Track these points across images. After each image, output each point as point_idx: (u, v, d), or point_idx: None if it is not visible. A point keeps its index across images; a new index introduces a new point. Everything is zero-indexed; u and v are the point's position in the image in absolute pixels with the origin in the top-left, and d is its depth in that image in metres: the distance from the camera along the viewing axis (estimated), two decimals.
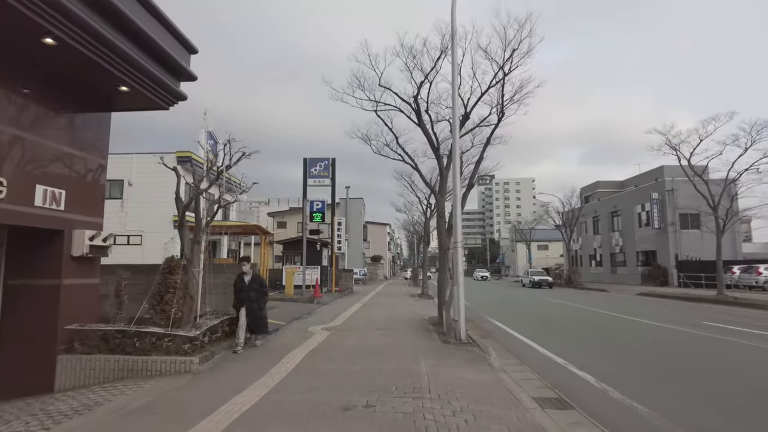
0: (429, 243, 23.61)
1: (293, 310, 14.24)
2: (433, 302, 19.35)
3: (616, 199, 41.09)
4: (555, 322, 13.62)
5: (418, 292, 25.16)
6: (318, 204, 17.82)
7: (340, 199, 40.37)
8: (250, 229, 17.03)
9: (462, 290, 8.81)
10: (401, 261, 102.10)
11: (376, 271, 46.15)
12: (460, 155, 9.46)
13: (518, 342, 9.81)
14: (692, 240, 31.71)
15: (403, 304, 17.46)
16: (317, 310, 14.78)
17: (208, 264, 9.33)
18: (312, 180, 27.03)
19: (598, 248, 44.21)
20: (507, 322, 13.11)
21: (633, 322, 13.16)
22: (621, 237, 39.29)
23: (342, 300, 19.22)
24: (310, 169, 27.05)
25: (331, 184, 27.16)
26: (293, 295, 17.36)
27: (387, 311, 14.86)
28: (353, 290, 25.70)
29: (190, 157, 28.29)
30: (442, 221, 11.29)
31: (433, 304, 18.14)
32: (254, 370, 6.49)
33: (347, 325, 11.14)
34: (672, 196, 32.73)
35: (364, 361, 7.06)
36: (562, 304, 19.40)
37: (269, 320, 11.28)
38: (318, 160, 27.22)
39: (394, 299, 20.61)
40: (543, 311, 16.93)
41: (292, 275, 17.45)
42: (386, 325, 11.14)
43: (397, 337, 9.47)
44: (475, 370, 6.70)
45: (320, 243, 22.05)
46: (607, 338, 10.42)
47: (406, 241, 64.25)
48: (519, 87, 11.19)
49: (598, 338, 10.44)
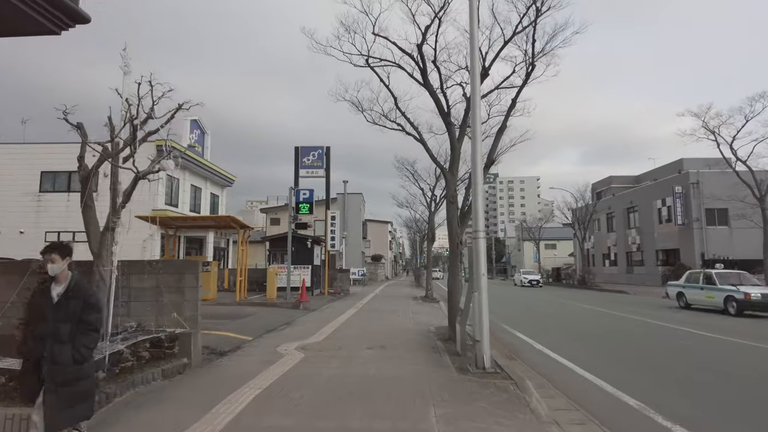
0: (434, 240, 21.05)
1: (270, 318, 11.73)
2: (439, 306, 16.81)
3: (632, 194, 38.45)
4: (591, 334, 11.07)
5: (421, 295, 22.61)
6: (305, 193, 15.28)
7: (337, 194, 37.85)
8: (223, 222, 14.53)
9: (485, 299, 6.28)
10: (403, 261, 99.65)
11: (377, 271, 43.62)
12: (480, 108, 6.92)
13: (557, 366, 7.27)
14: (720, 237, 29.10)
15: (405, 310, 14.94)
16: (300, 318, 12.26)
17: (153, 264, 6.82)
18: (304, 171, 24.53)
19: (612, 247, 41.58)
20: (532, 333, 10.56)
21: (707, 338, 10.60)
22: (638, 234, 36.67)
23: (334, 304, 16.70)
24: (302, 158, 24.57)
25: (326, 175, 24.66)
26: (275, 299, 14.86)
27: (385, 320, 12.33)
28: (349, 292, 23.18)
29: (166, 145, 25.84)
30: (453, 208, 8.77)
31: (439, 309, 15.61)
32: (164, 427, 3.99)
33: (331, 342, 8.62)
34: (697, 189, 30.10)
35: (342, 412, 4.54)
36: (587, 309, 16.83)
37: (229, 334, 8.83)
38: (311, 149, 24.74)
39: (394, 303, 18.09)
40: (568, 317, 14.39)
41: (275, 276, 14.97)
42: (382, 342, 8.62)
43: (396, 361, 6.94)
44: (514, 426, 4.19)
45: (311, 240, 19.54)
46: (687, 363, 7.84)
47: (408, 240, 61.66)
48: (552, 34, 8.66)
49: (671, 362, 7.86)
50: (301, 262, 19.58)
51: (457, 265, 8.75)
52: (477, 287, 6.33)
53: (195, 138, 31.09)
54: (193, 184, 30.06)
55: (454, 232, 8.74)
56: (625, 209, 39.12)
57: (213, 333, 8.95)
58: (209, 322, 10.25)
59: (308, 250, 19.67)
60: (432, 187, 20.69)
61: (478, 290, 6.30)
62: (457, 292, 8.58)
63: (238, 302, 14.56)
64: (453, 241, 8.83)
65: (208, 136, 32.66)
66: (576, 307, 18.15)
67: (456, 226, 8.75)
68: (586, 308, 17.37)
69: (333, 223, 20.59)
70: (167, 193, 26.71)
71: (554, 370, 6.98)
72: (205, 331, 9.01)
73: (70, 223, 25.66)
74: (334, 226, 20.54)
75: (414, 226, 37.70)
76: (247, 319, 11.30)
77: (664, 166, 38.92)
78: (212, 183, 32.43)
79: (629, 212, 38.76)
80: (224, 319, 10.95)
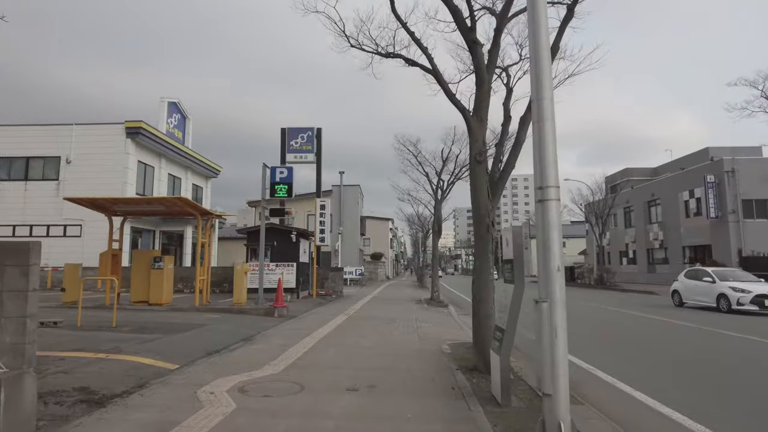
0: (440, 233, 18.02)
1: (225, 331, 8.71)
2: (449, 312, 13.79)
3: (654, 186, 35.33)
4: (681, 357, 8.05)
5: (426, 297, 19.58)
6: (282, 171, 12.10)
7: (332, 186, 34.84)
8: (174, 206, 11.41)
9: (562, 318, 3.27)
10: (404, 260, 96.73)
11: (376, 270, 40.58)
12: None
13: (666, 424, 4.24)
14: (760, 232, 25.99)
15: (408, 318, 11.94)
16: (268, 331, 9.25)
17: None
18: (292, 155, 21.52)
19: (630, 243, 38.47)
20: (583, 352, 7.51)
21: None
22: (661, 230, 33.56)
23: (320, 310, 13.71)
24: (289, 141, 21.56)
25: (316, 160, 21.66)
26: (245, 304, 11.83)
27: (380, 333, 9.31)
28: (343, 294, 20.16)
29: (141, 128, 22.86)
30: (481, 170, 5.76)
31: (450, 317, 12.60)
32: None
33: (293, 375, 5.60)
34: (733, 178, 26.98)
35: None
36: (632, 315, 13.78)
37: (144, 360, 5.68)
38: (299, 131, 21.73)
39: (394, 308, 15.08)
40: (618, 329, 11.35)
41: (244, 275, 11.92)
42: (372, 374, 5.61)
43: (393, 425, 3.93)
44: None
45: (297, 233, 16.54)
46: None
47: (410, 237, 58.57)
48: None
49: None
50: (283, 259, 16.57)
51: (487, 257, 5.73)
52: (547, 293, 3.31)
53: (174, 123, 28.10)
54: (170, 173, 27.07)
55: (482, 207, 5.71)
56: (646, 203, 36.02)
57: (119, 358, 5.97)
58: (129, 338, 7.25)
59: (293, 245, 16.67)
60: (438, 171, 17.69)
61: (549, 300, 3.28)
62: (488, 299, 5.57)
63: (197, 308, 11.57)
64: (481, 222, 5.79)
65: (189, 122, 29.66)
66: (614, 312, 15.10)
67: (485, 199, 5.73)
68: (629, 314, 14.32)
69: (323, 213, 17.57)
70: (139, 182, 23.74)
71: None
72: (108, 355, 6.00)
73: (29, 216, 22.75)
74: (324, 217, 17.52)
75: (416, 221, 34.61)
76: (191, 333, 8.28)
77: (687, 155, 35.85)
78: (194, 173, 29.43)
79: (650, 206, 35.66)
80: (157, 332, 7.96)
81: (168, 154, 25.84)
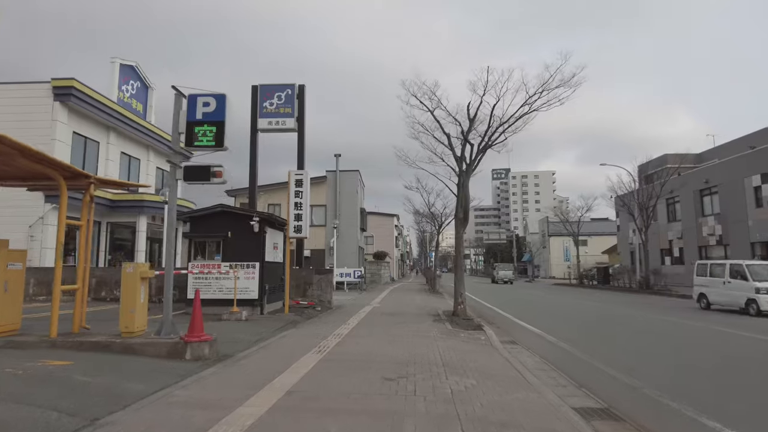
0: (467, 220, 12.78)
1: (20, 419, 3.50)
2: (487, 339, 8.62)
3: (708, 172, 29.88)
4: None
5: (443, 309, 14.35)
6: (207, 103, 6.62)
7: (327, 171, 29.59)
8: (20, 168, 6.13)
9: None
10: (410, 260, 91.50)
11: (379, 271, 35.33)
12: None
13: None
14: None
15: (427, 361, 6.76)
16: (122, 418, 4.02)
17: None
18: (266, 120, 16.42)
19: (676, 240, 33.04)
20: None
21: None
22: (719, 223, 28.12)
23: (284, 339, 8.57)
24: (262, 103, 16.43)
25: (298, 128, 16.58)
26: (140, 335, 6.54)
27: (374, 420, 4.07)
28: (332, 304, 14.99)
29: (72, 87, 17.74)
30: None
31: (489, 347, 7.38)
32: None
33: None
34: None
35: None
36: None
37: None
38: (275, 89, 16.62)
39: (402, 332, 9.89)
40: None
41: (139, 285, 6.57)
42: None
43: None
44: None
45: (258, 218, 11.38)
46: None
47: (417, 233, 53.19)
48: None
49: None
50: (242, 257, 11.41)
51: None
52: None
53: (132, 92, 22.98)
54: (125, 152, 21.89)
55: None
56: (697, 191, 30.56)
57: None
58: None
59: (255, 238, 11.53)
60: (464, 130, 12.38)
61: None
62: None
63: (53, 340, 6.42)
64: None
65: (153, 92, 24.41)
66: (740, 338, 9.84)
67: None
68: None
69: (299, 192, 12.35)
70: (77, 159, 18.56)
71: None
72: None
73: None
74: (301, 198, 12.30)
75: (427, 212, 29.24)
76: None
77: (757, 131, 30.39)
78: (158, 154, 24.18)
79: (703, 195, 30.21)
80: None
81: (120, 128, 20.74)
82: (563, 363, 7.27)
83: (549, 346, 8.99)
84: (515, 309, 16.76)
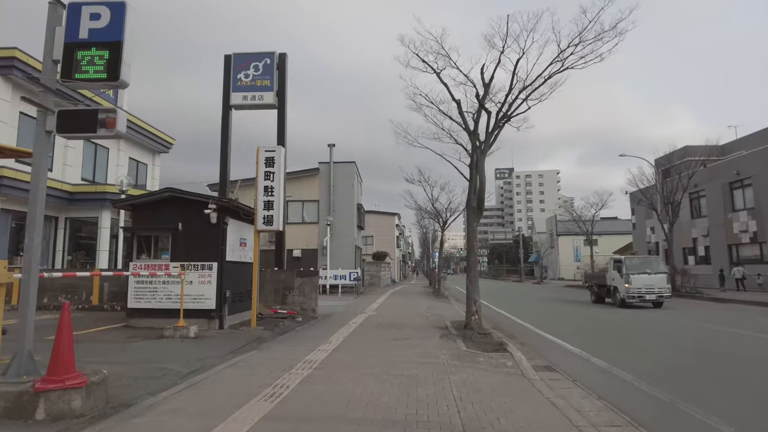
0: (482, 210, 10.21)
1: None
2: (515, 365, 5.96)
3: (740, 162, 27.22)
4: None
5: (451, 318, 11.75)
6: (97, 15, 4.34)
7: (319, 163, 27.00)
8: None
9: None
10: (412, 261, 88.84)
11: (379, 273, 32.76)
12: None
13: None
14: None
15: (440, 420, 4.17)
16: None
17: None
18: (240, 95, 13.90)
19: (701, 237, 30.38)
20: None
21: None
22: (753, 219, 25.49)
23: (222, 377, 6.07)
24: (236, 74, 13.92)
25: (278, 103, 14.08)
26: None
27: None
28: (317, 312, 12.45)
29: (15, 58, 15.30)
30: None
31: (520, 378, 4.70)
32: None
33: None
34: None
35: None
36: None
37: None
38: (251, 57, 14.10)
39: (401, 356, 7.34)
40: None
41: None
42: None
43: None
44: None
45: (216, 204, 8.86)
46: None
47: (419, 230, 50.58)
48: None
49: None
50: (196, 256, 8.88)
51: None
52: None
53: None
54: (91, 139, 19.51)
55: None
56: (727, 184, 27.90)
57: None
58: None
59: (213, 230, 9.01)
60: (479, 94, 9.83)
61: None
62: None
63: None
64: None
65: None
66: None
67: None
68: None
69: (270, 174, 9.80)
70: (28, 143, 16.11)
71: None
72: None
73: None
74: (272, 180, 9.75)
75: (430, 208, 26.67)
76: None
77: None
78: (131, 143, 21.79)
79: (733, 189, 27.55)
80: None
81: None
82: (642, 412, 4.69)
83: (603, 376, 6.37)
84: (533, 315, 14.15)
